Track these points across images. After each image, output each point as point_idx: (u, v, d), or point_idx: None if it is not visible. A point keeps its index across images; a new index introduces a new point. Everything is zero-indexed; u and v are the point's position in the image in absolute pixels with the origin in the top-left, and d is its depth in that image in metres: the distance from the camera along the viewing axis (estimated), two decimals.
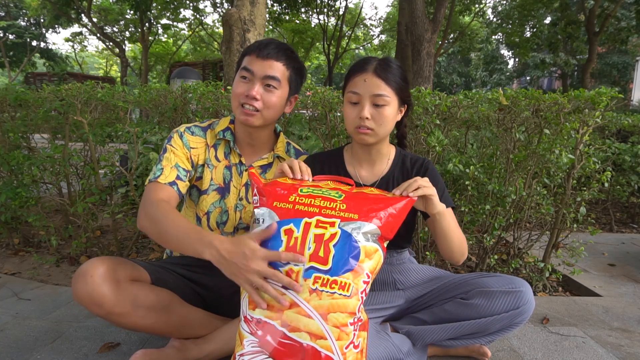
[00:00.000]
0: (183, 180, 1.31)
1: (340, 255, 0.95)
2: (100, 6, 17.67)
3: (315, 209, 1.01)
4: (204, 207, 1.40)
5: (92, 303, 1.10)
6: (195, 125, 1.41)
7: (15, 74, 19.16)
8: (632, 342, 1.64)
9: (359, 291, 0.95)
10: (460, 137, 2.39)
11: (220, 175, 1.40)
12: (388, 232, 1.03)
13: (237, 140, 1.42)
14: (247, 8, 2.99)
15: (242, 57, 1.34)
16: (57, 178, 2.45)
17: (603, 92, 1.92)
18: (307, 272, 0.95)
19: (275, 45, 1.30)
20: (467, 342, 1.29)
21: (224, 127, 1.41)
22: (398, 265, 1.44)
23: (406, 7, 6.55)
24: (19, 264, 2.37)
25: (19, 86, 2.80)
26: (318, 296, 0.93)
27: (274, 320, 0.95)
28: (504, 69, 26.74)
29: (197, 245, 1.04)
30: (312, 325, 0.93)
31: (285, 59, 1.31)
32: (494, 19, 17.52)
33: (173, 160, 1.32)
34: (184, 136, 1.37)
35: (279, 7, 14.02)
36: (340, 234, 0.97)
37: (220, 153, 1.41)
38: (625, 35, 12.50)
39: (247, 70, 1.28)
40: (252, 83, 1.28)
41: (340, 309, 0.93)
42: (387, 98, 1.20)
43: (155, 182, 1.26)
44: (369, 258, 0.98)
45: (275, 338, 0.94)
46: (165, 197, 1.24)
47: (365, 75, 1.21)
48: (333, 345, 0.92)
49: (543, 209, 2.14)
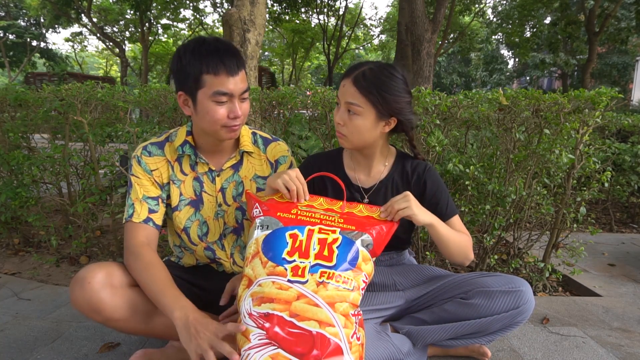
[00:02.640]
0: (156, 211, 1.28)
1: (342, 256, 1.05)
2: (100, 6, 17.65)
3: (316, 220, 1.11)
4: (178, 223, 1.35)
5: (90, 310, 1.10)
6: (152, 143, 1.33)
7: (15, 74, 19.15)
8: (632, 342, 1.64)
9: (359, 287, 1.04)
10: (460, 137, 2.39)
11: (190, 189, 1.35)
12: (377, 247, 1.12)
13: (202, 149, 1.34)
14: (247, 8, 2.98)
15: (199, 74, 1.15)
16: (57, 178, 2.45)
17: (603, 92, 1.92)
18: (314, 268, 1.02)
19: (232, 53, 1.18)
20: (467, 342, 1.29)
21: (182, 142, 1.32)
22: (398, 266, 1.44)
23: (406, 7, 6.54)
24: (19, 264, 2.37)
25: (19, 86, 2.80)
26: (325, 287, 1.00)
27: (282, 312, 0.98)
28: (504, 69, 26.74)
29: (170, 304, 1.07)
30: (320, 313, 0.97)
31: (241, 60, 1.20)
32: (494, 19, 17.53)
33: (140, 193, 1.28)
34: (142, 161, 1.30)
35: (279, 7, 14.01)
36: (341, 239, 1.07)
37: (185, 166, 1.34)
38: (625, 35, 12.49)
39: (224, 94, 1.17)
40: (232, 103, 1.19)
41: (345, 299, 1.00)
42: (359, 108, 1.18)
43: (131, 222, 1.25)
44: (365, 262, 1.08)
45: (284, 328, 0.97)
46: (144, 239, 1.23)
47: (345, 81, 1.21)
48: (340, 332, 0.96)
49: (543, 209, 2.13)
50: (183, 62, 1.17)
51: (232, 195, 1.37)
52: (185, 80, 1.19)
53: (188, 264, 1.45)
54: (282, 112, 2.41)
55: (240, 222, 1.39)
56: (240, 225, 1.39)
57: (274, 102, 2.36)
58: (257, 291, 1.02)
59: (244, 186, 1.38)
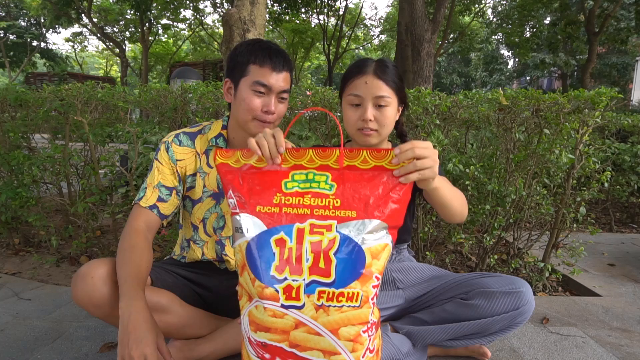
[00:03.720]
0: (165, 200, 1.29)
1: (343, 265, 0.86)
2: (100, 6, 17.65)
3: (306, 210, 0.90)
4: (199, 215, 1.38)
5: (92, 305, 1.10)
6: (184, 133, 1.36)
7: (16, 74, 19.15)
8: (632, 342, 1.64)
9: (369, 298, 0.88)
10: (460, 137, 2.40)
11: (213, 181, 1.37)
12: (395, 220, 0.91)
13: (233, 145, 1.38)
14: (247, 8, 2.99)
15: (247, 64, 1.24)
16: (57, 178, 2.45)
17: (603, 92, 1.93)
18: (310, 288, 0.86)
19: (281, 54, 1.26)
20: (467, 342, 1.29)
21: (217, 134, 1.37)
22: (397, 263, 1.44)
23: (406, 7, 6.54)
24: (19, 264, 2.37)
25: (19, 86, 2.80)
26: (325, 312, 0.85)
27: (281, 342, 0.88)
28: (504, 69, 26.75)
29: (124, 293, 1.04)
30: (323, 342, 0.86)
31: (289, 66, 1.28)
32: (494, 19, 17.53)
33: (156, 179, 1.30)
34: (171, 148, 1.32)
35: (279, 7, 14.01)
36: (339, 239, 0.87)
37: (212, 159, 1.37)
38: (625, 35, 12.50)
39: (264, 86, 1.22)
40: (268, 97, 1.24)
41: (351, 322, 0.86)
42: (389, 99, 1.20)
43: (138, 204, 1.26)
44: (376, 259, 0.88)
45: (286, 359, 0.88)
46: (142, 224, 1.24)
47: (366, 77, 1.21)
48: (348, 359, 0.87)
49: (543, 209, 2.14)
50: (237, 52, 1.26)
51: None
52: (234, 68, 1.27)
53: (192, 258, 1.46)
54: None
55: None
56: None
57: None
58: (253, 313, 0.92)
59: None
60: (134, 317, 0.99)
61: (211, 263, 1.45)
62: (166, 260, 1.49)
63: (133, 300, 1.03)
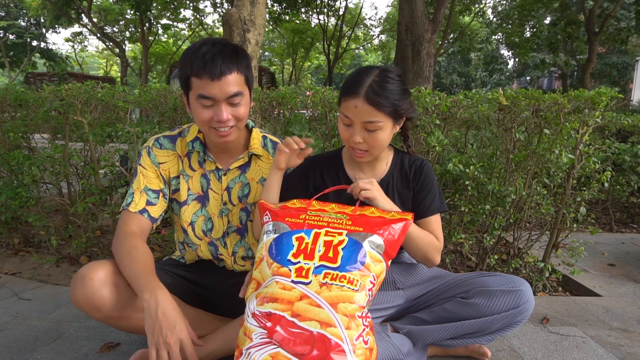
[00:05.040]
0: (154, 204, 1.30)
1: (348, 257, 1.04)
2: (100, 6, 17.64)
3: (324, 224, 1.12)
4: (186, 217, 1.37)
5: (91, 307, 1.10)
6: (165, 136, 1.36)
7: (16, 74, 19.15)
8: (632, 342, 1.64)
9: (366, 287, 1.02)
10: (460, 137, 2.39)
11: (197, 185, 1.37)
12: (391, 249, 1.11)
13: (210, 147, 1.36)
14: (247, 8, 2.99)
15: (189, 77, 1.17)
16: (57, 178, 2.45)
17: (603, 92, 1.93)
18: (318, 269, 1.03)
19: (221, 56, 1.15)
20: (468, 341, 1.29)
21: (193, 137, 1.35)
22: (398, 264, 1.44)
23: (406, 7, 6.54)
24: (19, 264, 2.37)
25: (19, 86, 2.80)
26: (328, 288, 1.00)
27: (284, 312, 0.98)
28: (504, 69, 26.74)
29: (143, 286, 1.06)
30: (322, 314, 0.97)
31: (235, 65, 1.17)
32: (494, 19, 17.53)
33: (142, 183, 1.30)
34: (152, 152, 1.33)
35: (279, 7, 14.00)
36: (347, 240, 1.07)
37: (194, 162, 1.37)
38: (625, 35, 12.49)
39: (206, 98, 1.16)
40: (217, 106, 1.18)
41: (349, 300, 0.99)
42: (380, 123, 1.17)
43: (127, 210, 1.26)
44: (374, 263, 1.06)
45: (285, 328, 0.97)
46: (135, 229, 1.24)
47: (356, 101, 1.15)
48: (342, 333, 0.95)
49: (543, 209, 2.14)
50: (180, 63, 1.21)
51: (238, 196, 1.38)
52: (182, 81, 1.22)
53: (190, 260, 1.46)
54: (282, 112, 2.41)
55: (244, 223, 1.40)
56: (244, 226, 1.40)
57: (274, 102, 2.36)
58: (262, 291, 1.03)
59: (250, 188, 1.39)
60: (162, 305, 1.02)
61: (210, 261, 1.46)
62: (165, 261, 1.49)
63: (156, 290, 1.05)
